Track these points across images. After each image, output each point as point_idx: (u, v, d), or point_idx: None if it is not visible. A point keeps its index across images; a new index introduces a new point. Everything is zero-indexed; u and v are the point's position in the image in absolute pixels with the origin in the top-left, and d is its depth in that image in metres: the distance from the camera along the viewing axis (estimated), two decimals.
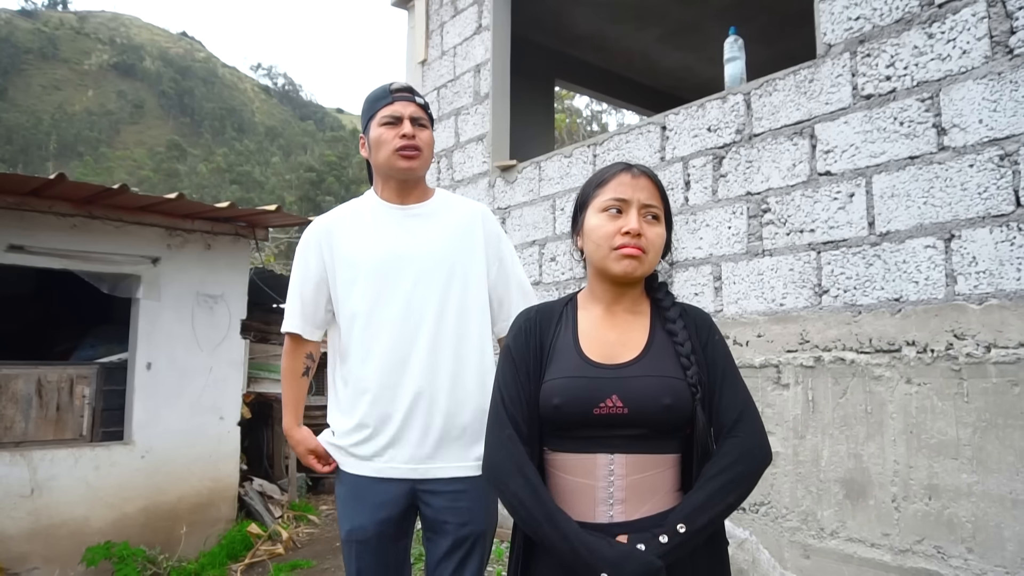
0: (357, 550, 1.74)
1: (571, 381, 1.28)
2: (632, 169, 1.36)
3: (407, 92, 1.84)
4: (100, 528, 4.29)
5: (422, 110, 1.83)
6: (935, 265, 2.36)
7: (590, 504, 1.26)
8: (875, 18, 2.60)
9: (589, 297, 1.41)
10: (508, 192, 4.24)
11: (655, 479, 1.26)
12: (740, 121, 3.01)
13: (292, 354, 1.91)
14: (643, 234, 1.31)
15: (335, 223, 1.87)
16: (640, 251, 1.30)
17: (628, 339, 1.33)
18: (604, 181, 1.37)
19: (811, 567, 2.60)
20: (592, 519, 1.25)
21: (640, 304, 1.39)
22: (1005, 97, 2.23)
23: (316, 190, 48.62)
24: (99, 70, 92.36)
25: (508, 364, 1.37)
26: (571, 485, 1.28)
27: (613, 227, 1.31)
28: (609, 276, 1.34)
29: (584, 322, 1.37)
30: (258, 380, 5.69)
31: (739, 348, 2.92)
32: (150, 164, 66.77)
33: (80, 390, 4.52)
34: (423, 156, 1.81)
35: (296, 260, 1.90)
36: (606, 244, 1.32)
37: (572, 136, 19.38)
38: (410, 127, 1.78)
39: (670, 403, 1.24)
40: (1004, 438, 2.16)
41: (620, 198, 1.32)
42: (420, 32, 5.22)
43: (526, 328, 1.39)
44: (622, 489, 1.25)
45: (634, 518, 1.24)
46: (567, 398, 1.27)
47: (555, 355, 1.34)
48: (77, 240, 4.40)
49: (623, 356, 1.31)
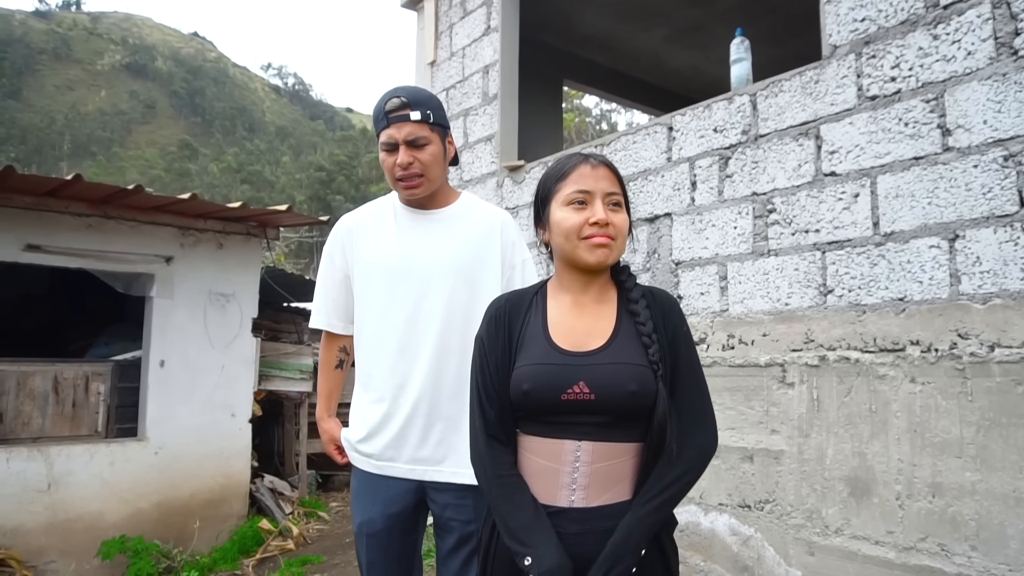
0: (368, 543, 1.79)
1: (540, 368, 1.33)
2: (590, 160, 1.40)
3: (402, 110, 1.74)
4: (115, 523, 4.37)
5: (422, 124, 1.74)
6: (939, 265, 2.37)
7: (554, 488, 1.31)
8: (880, 19, 2.61)
9: (557, 286, 1.46)
10: (516, 192, 4.27)
11: (618, 468, 1.31)
12: (746, 122, 3.03)
13: (326, 347, 2.01)
14: (610, 222, 1.35)
15: (358, 224, 1.92)
16: (609, 239, 1.35)
17: (595, 327, 1.38)
18: (564, 174, 1.41)
19: (816, 564, 2.63)
20: (554, 502, 1.31)
21: (607, 291, 1.44)
22: (1010, 98, 2.24)
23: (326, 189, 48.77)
24: (111, 70, 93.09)
25: (479, 352, 1.43)
26: (538, 468, 1.34)
27: (580, 218, 1.35)
28: (581, 266, 1.39)
29: (553, 311, 1.42)
30: (269, 378, 5.76)
31: (745, 347, 2.95)
32: (162, 164, 67.23)
33: (95, 387, 4.60)
34: (426, 178, 1.77)
35: (323, 257, 1.97)
36: (575, 235, 1.36)
37: (581, 135, 19.38)
38: (405, 155, 1.73)
39: (635, 389, 1.28)
40: (1008, 437, 2.17)
41: (583, 190, 1.37)
42: (429, 33, 5.26)
43: (496, 317, 1.44)
44: (586, 476, 1.30)
45: (594, 504, 1.30)
46: (536, 384, 1.31)
47: (525, 342, 1.39)
48: (92, 240, 4.48)
49: (590, 344, 1.35)
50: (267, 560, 4.69)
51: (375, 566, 1.79)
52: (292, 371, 5.96)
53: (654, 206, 3.36)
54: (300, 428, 6.25)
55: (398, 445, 1.76)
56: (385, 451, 1.78)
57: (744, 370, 2.94)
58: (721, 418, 2.99)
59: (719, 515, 2.98)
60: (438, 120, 1.80)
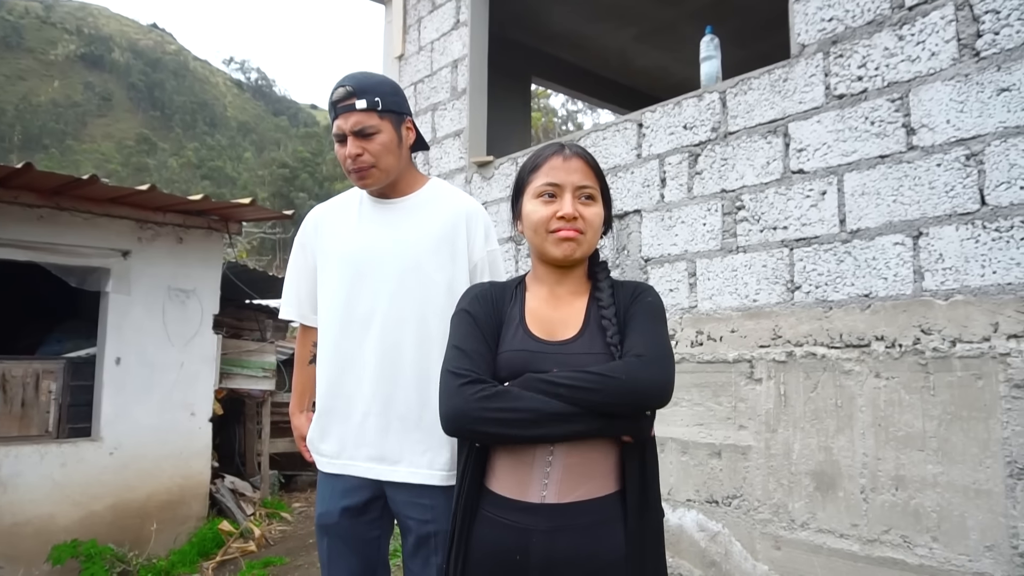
0: (326, 534, 1.76)
1: (515, 354, 1.31)
2: (564, 151, 1.37)
3: (347, 99, 1.68)
4: (66, 526, 4.21)
5: (369, 113, 1.68)
6: (903, 262, 2.42)
7: (524, 483, 1.27)
8: (848, 19, 2.65)
9: (534, 279, 1.44)
10: (485, 188, 4.24)
11: (593, 463, 1.27)
12: (716, 119, 3.05)
13: (300, 341, 1.98)
14: (580, 215, 1.33)
15: (325, 215, 1.89)
16: (577, 232, 1.33)
17: (568, 317, 1.36)
18: (537, 166, 1.38)
19: (782, 558, 2.65)
20: (524, 498, 1.27)
21: (582, 284, 1.42)
22: (971, 98, 2.29)
23: (289, 186, 48.07)
24: (66, 61, 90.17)
25: (468, 324, 1.36)
26: (509, 462, 1.30)
27: (548, 211, 1.33)
28: (549, 259, 1.37)
29: (530, 301, 1.40)
30: (231, 376, 5.62)
31: (713, 343, 2.97)
32: (118, 158, 65.44)
33: (46, 385, 4.43)
34: (377, 168, 1.71)
35: (294, 247, 1.94)
36: (543, 229, 1.34)
37: (548, 135, 19.42)
38: (353, 145, 1.68)
39: None
40: (968, 430, 2.22)
41: (552, 182, 1.34)
42: (397, 27, 5.19)
43: (484, 295, 1.41)
44: (558, 470, 1.26)
45: (566, 501, 1.25)
46: (512, 371, 1.29)
47: (505, 330, 1.36)
48: (44, 232, 4.31)
49: (563, 334, 1.33)
50: (227, 562, 4.57)
51: (334, 560, 1.75)
52: (255, 369, 5.83)
53: (624, 202, 3.36)
54: (263, 427, 6.11)
55: (353, 443, 1.72)
56: (341, 449, 1.74)
57: (713, 366, 2.96)
58: (689, 414, 3.00)
59: (687, 511, 2.99)
60: (388, 106, 1.72)
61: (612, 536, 1.25)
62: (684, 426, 3.00)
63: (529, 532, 1.24)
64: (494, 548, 1.27)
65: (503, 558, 1.26)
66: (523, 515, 1.26)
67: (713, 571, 2.87)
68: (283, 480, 6.53)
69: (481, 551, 1.29)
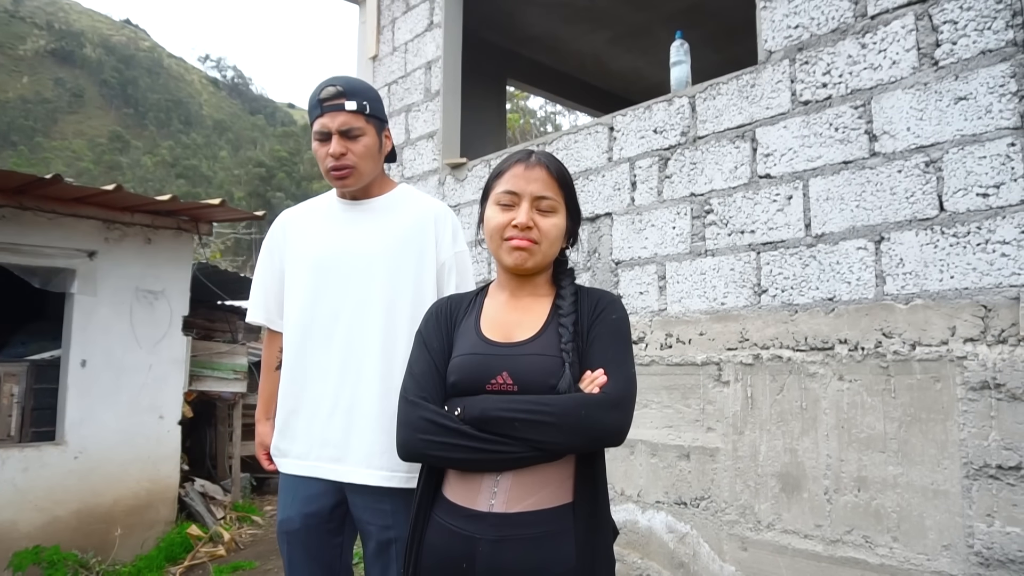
0: (287, 541, 1.75)
1: (466, 359, 1.31)
2: (529, 159, 1.37)
3: (336, 99, 1.70)
4: (28, 532, 4.12)
5: (357, 115, 1.70)
6: (866, 266, 2.46)
7: (474, 491, 1.26)
8: (812, 27, 2.69)
9: (497, 284, 1.45)
10: (458, 190, 4.23)
11: (545, 473, 1.24)
12: (685, 123, 3.08)
13: (267, 346, 1.96)
14: (535, 225, 1.32)
15: (294, 218, 1.90)
16: (530, 243, 1.32)
17: (526, 321, 1.35)
18: (501, 172, 1.39)
19: (748, 559, 2.68)
20: (473, 505, 1.25)
21: (546, 288, 1.42)
22: (931, 107, 2.33)
23: (266, 186, 47.59)
24: (35, 56, 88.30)
25: (418, 347, 1.39)
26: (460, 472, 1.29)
27: (504, 219, 1.34)
28: (502, 266, 1.38)
29: (489, 307, 1.41)
30: (201, 378, 5.55)
31: (682, 346, 2.99)
32: (90, 156, 64.25)
33: (8, 388, 4.33)
34: (357, 170, 1.72)
35: (262, 250, 1.94)
36: (498, 236, 1.35)
37: (526, 136, 19.45)
38: (338, 144, 1.69)
39: (556, 383, 1.24)
40: (927, 432, 2.26)
41: (510, 191, 1.34)
42: (371, 27, 5.16)
43: (436, 313, 1.43)
44: (508, 478, 1.24)
45: (514, 510, 1.23)
46: (462, 375, 1.29)
47: (459, 337, 1.37)
48: (6, 232, 4.21)
49: (518, 336, 1.33)
50: (196, 567, 4.51)
51: (294, 566, 1.74)
52: (225, 371, 5.76)
53: (595, 205, 3.37)
54: (233, 430, 6.04)
55: (317, 444, 1.71)
56: (305, 450, 1.73)
57: (681, 368, 2.98)
58: (659, 416, 3.02)
59: (656, 513, 3.01)
60: (374, 112, 1.75)
61: (562, 548, 1.22)
62: (654, 428, 3.02)
63: (475, 540, 1.22)
64: (442, 555, 1.26)
65: (450, 566, 1.24)
66: (470, 523, 1.24)
67: (682, 572, 2.89)
68: (255, 483, 6.47)
69: (431, 558, 1.28)
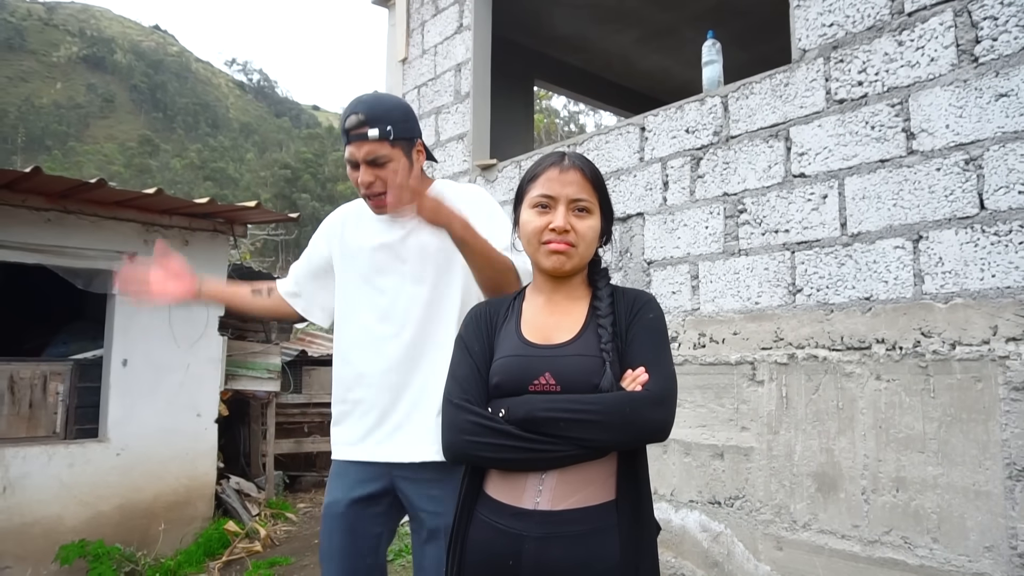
0: (329, 524, 1.80)
1: (509, 360, 1.33)
2: (563, 162, 1.38)
3: (360, 128, 1.69)
4: (74, 526, 4.25)
5: (381, 143, 1.70)
6: (904, 265, 2.44)
7: (519, 489, 1.28)
8: (848, 25, 2.67)
9: (533, 287, 1.47)
10: (488, 191, 4.26)
11: (589, 470, 1.27)
12: (717, 123, 3.08)
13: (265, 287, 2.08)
14: (572, 228, 1.34)
15: (350, 215, 1.96)
16: (567, 246, 1.34)
17: (565, 323, 1.37)
18: (535, 176, 1.40)
19: (784, 559, 2.68)
20: (518, 503, 1.28)
21: (582, 290, 1.43)
22: (970, 104, 2.31)
23: (292, 187, 48.15)
24: (68, 62, 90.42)
25: (460, 350, 1.42)
26: None
27: (541, 223, 1.35)
28: (540, 270, 1.40)
29: (528, 310, 1.43)
30: (236, 377, 5.65)
31: (716, 346, 2.99)
32: (121, 159, 65.59)
33: (54, 387, 4.47)
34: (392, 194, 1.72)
35: (314, 235, 2.03)
36: (535, 240, 1.36)
37: (550, 136, 19.43)
38: (366, 173, 1.71)
39: (598, 383, 1.25)
40: (968, 432, 2.24)
41: (547, 194, 1.36)
42: (401, 30, 5.22)
43: (476, 317, 1.45)
44: (553, 477, 1.26)
45: (559, 508, 1.25)
46: (504, 376, 1.31)
47: (500, 340, 1.39)
48: (51, 235, 4.34)
49: (559, 338, 1.35)
50: (233, 562, 4.60)
51: (332, 550, 1.78)
52: (259, 370, 5.86)
53: (627, 205, 3.39)
54: (267, 428, 6.15)
55: (368, 430, 1.77)
56: (362, 436, 1.79)
57: (715, 368, 2.98)
58: (692, 416, 3.03)
59: (690, 512, 3.01)
60: (400, 134, 1.73)
61: (606, 545, 1.24)
62: (687, 428, 3.03)
63: (522, 538, 1.24)
64: (487, 553, 1.28)
65: (496, 563, 1.27)
66: (516, 521, 1.26)
67: (716, 571, 2.89)
68: (288, 481, 6.57)
69: (476, 555, 1.30)
